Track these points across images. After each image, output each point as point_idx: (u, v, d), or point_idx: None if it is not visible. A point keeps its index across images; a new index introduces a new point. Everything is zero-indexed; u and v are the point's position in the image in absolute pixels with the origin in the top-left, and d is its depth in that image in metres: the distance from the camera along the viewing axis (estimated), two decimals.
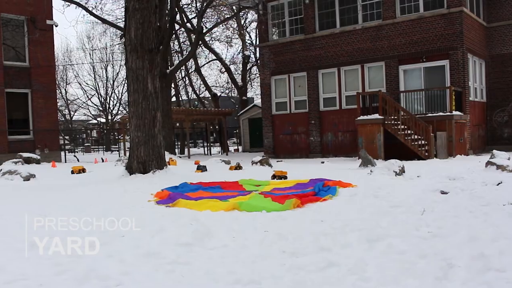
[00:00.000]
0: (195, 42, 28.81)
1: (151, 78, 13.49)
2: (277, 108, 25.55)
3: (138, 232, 6.21)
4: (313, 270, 4.60)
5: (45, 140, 26.54)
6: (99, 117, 63.04)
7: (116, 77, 55.42)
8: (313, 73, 24.02)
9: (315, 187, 9.61)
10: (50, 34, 27.21)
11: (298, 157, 24.17)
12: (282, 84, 25.37)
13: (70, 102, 60.17)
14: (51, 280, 4.37)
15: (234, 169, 16.01)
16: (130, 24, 13.43)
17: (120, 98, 56.60)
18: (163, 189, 10.15)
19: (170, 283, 4.36)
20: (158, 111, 13.70)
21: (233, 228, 6.34)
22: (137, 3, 13.21)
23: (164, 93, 23.08)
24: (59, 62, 51.56)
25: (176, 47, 38.40)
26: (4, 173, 14.81)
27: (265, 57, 25.99)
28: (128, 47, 13.57)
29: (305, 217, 7.09)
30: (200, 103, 46.76)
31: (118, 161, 20.25)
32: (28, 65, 26.42)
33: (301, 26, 24.54)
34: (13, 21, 26.06)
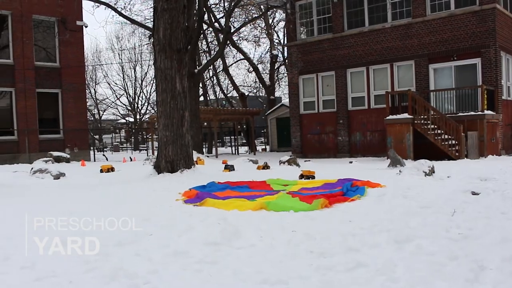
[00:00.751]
0: (223, 42, 28.89)
1: (180, 78, 13.56)
2: (305, 107, 25.46)
3: (166, 231, 6.26)
4: (341, 271, 4.56)
5: (74, 139, 26.98)
6: (128, 116, 63.70)
7: (145, 77, 56.00)
8: (341, 72, 23.86)
9: (343, 187, 9.54)
10: (80, 35, 27.66)
11: (326, 157, 24.04)
12: (310, 84, 25.27)
13: (99, 102, 60.95)
14: (80, 277, 4.43)
15: (262, 169, 16.00)
16: (158, 24, 13.53)
17: (149, 98, 57.18)
18: (191, 188, 10.19)
19: (197, 282, 4.37)
20: (186, 110, 13.77)
21: (260, 228, 6.33)
22: (166, 3, 13.30)
23: (192, 93, 23.21)
24: (88, 62, 52.28)
25: (204, 47, 38.57)
26: (35, 171, 15.09)
27: (293, 56, 25.93)
28: (157, 47, 13.67)
29: (333, 217, 7.04)
30: (228, 103, 46.90)
31: (146, 160, 20.43)
32: (59, 65, 26.89)
33: (329, 25, 24.41)
34: (44, 22, 26.55)
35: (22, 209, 8.31)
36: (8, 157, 23.84)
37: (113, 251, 5.28)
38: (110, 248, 5.39)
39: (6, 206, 8.79)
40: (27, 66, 25.34)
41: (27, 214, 7.41)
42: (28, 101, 25.41)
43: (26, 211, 7.90)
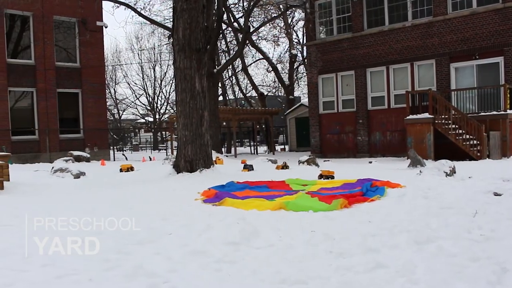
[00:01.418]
0: (242, 42, 28.92)
1: (199, 78, 13.61)
2: (324, 107, 25.37)
3: (185, 230, 6.28)
4: (361, 271, 4.53)
5: (94, 139, 27.24)
6: (147, 116, 64.09)
7: (164, 76, 56.26)
8: (361, 71, 23.73)
9: (362, 187, 9.48)
10: (100, 35, 27.92)
11: (345, 157, 23.93)
12: (329, 83, 25.18)
13: (119, 102, 61.41)
14: (100, 275, 4.45)
15: (281, 169, 15.98)
16: (178, 24, 13.59)
17: (168, 98, 57.46)
18: (210, 188, 10.21)
19: (216, 281, 4.37)
20: (206, 110, 13.81)
21: (279, 228, 6.31)
22: (185, 3, 13.35)
23: (211, 93, 23.27)
24: (108, 62, 52.69)
25: (223, 47, 38.65)
26: (55, 170, 15.26)
27: (312, 55, 25.86)
28: (176, 47, 13.74)
29: (353, 217, 7.00)
30: (247, 102, 46.93)
31: (165, 160, 20.52)
32: (79, 65, 27.17)
33: (349, 24, 24.29)
34: (64, 23, 26.85)
35: (43, 208, 8.42)
36: (29, 157, 24.15)
37: (133, 250, 5.32)
38: (130, 247, 5.43)
39: (29, 205, 8.90)
40: (48, 66, 25.64)
41: (48, 213, 7.50)
42: (49, 101, 25.71)
43: (48, 210, 8.01)
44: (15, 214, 7.72)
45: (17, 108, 25.63)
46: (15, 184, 12.14)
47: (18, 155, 23.26)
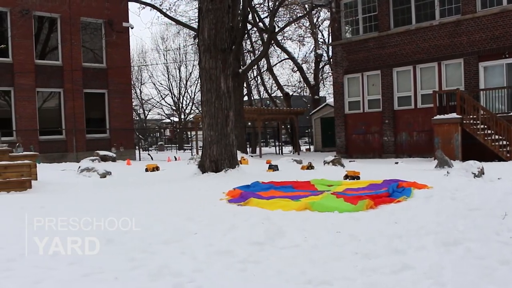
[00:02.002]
0: (267, 42, 28.91)
1: (224, 78, 13.64)
2: (350, 107, 25.22)
3: (210, 230, 6.30)
4: (387, 273, 4.47)
5: (120, 139, 27.53)
6: (173, 116, 64.50)
7: (189, 77, 56.54)
8: (387, 71, 23.51)
9: (389, 188, 9.38)
10: (126, 36, 28.21)
11: (371, 157, 23.75)
12: (355, 83, 25.02)
13: (145, 102, 61.94)
14: (126, 274, 4.49)
15: (306, 169, 15.93)
16: (203, 24, 13.64)
17: (193, 98, 57.70)
18: (235, 188, 10.22)
19: (241, 281, 4.36)
20: (231, 110, 13.84)
21: (304, 228, 6.29)
22: (211, 4, 13.39)
23: (236, 93, 23.30)
24: (134, 63, 53.17)
25: (248, 47, 38.68)
26: (82, 170, 15.47)
27: (338, 55, 25.72)
28: (202, 47, 13.79)
29: (379, 218, 6.92)
30: (272, 103, 46.88)
31: (190, 160, 20.62)
32: (105, 66, 27.50)
33: (375, 24, 24.09)
34: (91, 24, 27.21)
35: (69, 207, 8.53)
36: (56, 156, 24.52)
37: (158, 249, 5.35)
38: (155, 246, 5.46)
39: (56, 204, 9.02)
40: (75, 67, 26.00)
41: (73, 212, 7.60)
42: (75, 101, 26.09)
43: (73, 209, 8.12)
44: (42, 213, 7.82)
45: (45, 109, 26.06)
46: (43, 183, 12.33)
47: (46, 154, 23.63)
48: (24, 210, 8.10)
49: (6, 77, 24.36)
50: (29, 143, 22.79)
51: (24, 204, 8.89)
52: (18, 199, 9.84)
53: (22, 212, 7.92)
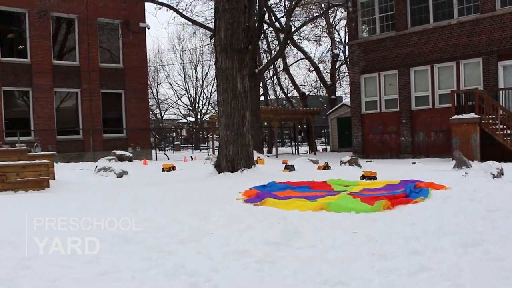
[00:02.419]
0: (283, 41, 28.87)
1: (240, 78, 13.65)
2: (367, 107, 25.09)
3: (226, 230, 6.30)
4: (404, 274, 4.44)
5: (137, 139, 27.70)
6: (189, 116, 64.73)
7: (205, 77, 56.72)
8: (404, 71, 23.35)
9: (406, 188, 9.31)
10: (142, 37, 28.38)
11: (388, 158, 23.60)
12: (372, 83, 24.88)
13: (161, 102, 62.24)
14: (142, 273, 4.50)
15: (322, 169, 15.88)
16: (220, 24, 13.66)
17: (209, 98, 57.88)
18: (251, 188, 10.22)
19: (257, 281, 4.36)
20: (247, 110, 13.84)
21: (321, 229, 6.26)
22: (227, 4, 13.41)
23: (252, 93, 23.32)
24: (151, 63, 53.47)
25: (265, 47, 38.68)
26: (99, 169, 15.60)
27: (354, 55, 25.60)
28: (218, 47, 13.81)
29: (396, 219, 6.87)
30: (288, 102, 46.83)
31: (206, 160, 20.67)
32: (122, 66, 27.69)
33: (392, 23, 23.93)
34: (108, 25, 27.43)
35: (85, 206, 8.60)
36: (73, 156, 24.73)
37: (174, 249, 5.36)
38: (172, 246, 5.48)
39: (73, 203, 9.10)
40: (92, 67, 26.22)
41: (89, 212, 7.66)
42: (93, 102, 26.30)
43: (89, 209, 8.18)
44: (59, 212, 7.89)
45: (62, 109, 26.32)
46: (60, 183, 12.45)
47: (63, 154, 23.83)
48: (42, 209, 8.20)
49: (24, 78, 24.64)
50: (47, 143, 23.03)
51: (42, 203, 8.98)
52: (36, 198, 9.94)
53: (40, 210, 8.01)
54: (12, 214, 7.82)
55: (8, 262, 4.78)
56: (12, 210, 8.26)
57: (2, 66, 24.07)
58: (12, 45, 25.03)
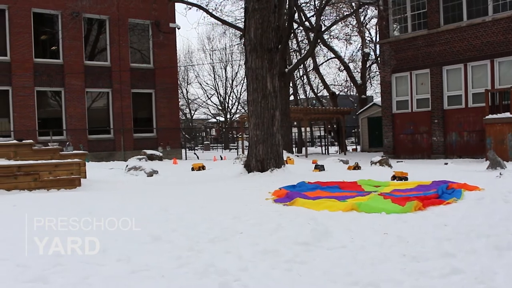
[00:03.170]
0: (313, 41, 28.75)
1: (270, 77, 13.63)
2: (398, 106, 24.80)
3: (255, 229, 6.30)
4: (436, 276, 4.36)
5: (167, 138, 27.94)
6: (218, 115, 65.00)
7: (235, 76, 56.87)
8: (436, 69, 23.00)
9: (438, 189, 9.15)
10: (173, 37, 28.62)
11: (419, 158, 23.29)
12: (403, 82, 24.59)
13: (191, 102, 62.62)
14: (172, 272, 4.52)
15: (353, 169, 15.76)
16: (249, 24, 13.67)
17: (239, 97, 58.01)
18: (281, 188, 10.19)
19: (287, 281, 4.34)
20: (277, 110, 13.82)
21: (351, 229, 6.21)
22: (257, 3, 13.40)
23: (282, 92, 23.28)
24: (181, 63, 53.82)
25: (294, 46, 38.57)
26: (129, 168, 15.78)
27: (385, 54, 25.33)
28: (248, 47, 13.82)
29: (427, 220, 6.76)
30: (318, 102, 46.64)
31: (236, 159, 20.71)
32: (152, 66, 27.98)
33: (424, 21, 23.59)
34: (139, 25, 27.76)
35: (117, 205, 8.69)
36: (104, 155, 25.09)
37: (204, 248, 5.38)
38: (202, 245, 5.50)
39: (105, 202, 9.21)
40: (123, 67, 26.57)
41: (121, 210, 7.74)
42: (123, 101, 26.65)
43: (121, 208, 8.28)
44: (91, 210, 8.00)
45: (94, 108, 26.75)
46: (92, 181, 12.62)
47: (94, 153, 24.23)
48: (74, 207, 8.32)
49: (57, 78, 25.12)
50: (78, 142, 23.45)
51: (74, 201, 9.11)
52: (68, 196, 10.08)
53: (73, 209, 8.13)
54: (46, 211, 7.95)
55: (41, 259, 4.86)
56: (46, 208, 8.39)
57: (35, 67, 24.58)
58: (45, 46, 25.53)
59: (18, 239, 5.79)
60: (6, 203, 8.89)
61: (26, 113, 24.22)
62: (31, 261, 4.82)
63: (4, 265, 4.72)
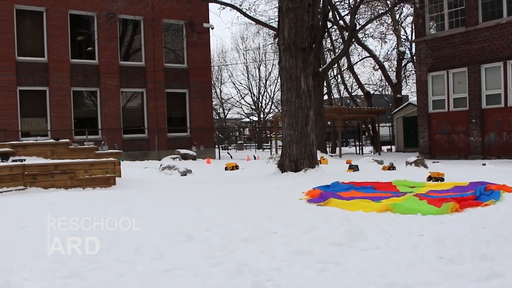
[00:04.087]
0: (348, 40, 28.52)
1: (304, 77, 13.57)
2: (434, 106, 24.39)
3: (289, 229, 6.27)
4: (474, 280, 4.25)
5: (200, 138, 28.11)
6: (252, 115, 65.14)
7: (269, 76, 56.97)
8: (474, 68, 22.52)
9: (475, 190, 8.95)
10: (206, 37, 28.80)
11: (456, 158, 22.86)
12: (439, 81, 24.17)
13: (224, 101, 62.96)
14: (205, 271, 4.53)
15: (387, 169, 15.56)
16: (283, 23, 13.63)
17: (272, 97, 58.07)
18: (315, 188, 10.14)
19: (320, 282, 4.30)
20: (311, 109, 13.75)
21: (385, 230, 6.12)
22: (291, 2, 13.36)
23: (316, 92, 23.16)
24: (214, 62, 54.14)
25: (328, 45, 38.35)
26: (163, 168, 15.92)
27: (421, 52, 24.94)
28: (282, 46, 13.79)
29: (464, 222, 6.62)
30: (352, 102, 46.30)
31: (269, 159, 20.68)
32: (186, 66, 28.20)
33: (462, 18, 23.13)
34: (173, 26, 28.03)
35: (152, 204, 8.78)
36: (138, 154, 25.39)
37: (237, 247, 5.38)
38: (235, 244, 5.50)
39: (140, 200, 9.31)
40: (158, 67, 26.84)
41: (157, 209, 7.82)
42: (157, 101, 26.93)
43: (156, 206, 8.36)
44: (126, 208, 8.10)
45: (128, 108, 27.11)
46: (126, 180, 12.77)
47: (129, 152, 24.54)
48: (109, 206, 8.43)
49: (92, 78, 25.56)
50: (113, 141, 23.80)
51: (109, 200, 9.24)
52: (103, 195, 10.22)
53: (108, 206, 8.24)
54: (81, 209, 8.08)
55: (77, 256, 4.94)
56: (81, 206, 8.52)
57: (72, 68, 25.05)
58: (81, 47, 26.00)
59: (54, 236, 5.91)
60: (43, 201, 9.07)
61: (62, 112, 24.70)
62: (67, 258, 4.91)
63: (42, 261, 4.84)
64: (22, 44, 24.27)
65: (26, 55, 24.20)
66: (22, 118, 24.13)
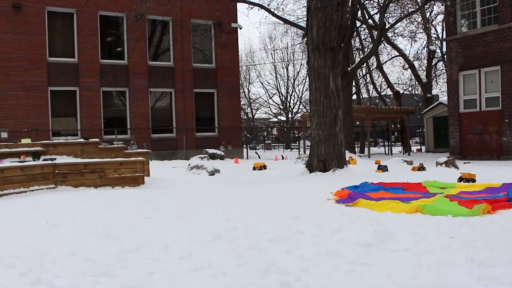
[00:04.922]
0: (377, 39, 28.27)
1: (333, 77, 13.49)
2: (465, 105, 24.00)
3: (317, 230, 6.24)
4: (506, 283, 4.16)
5: (228, 137, 28.19)
6: (280, 115, 65.08)
7: (297, 76, 56.80)
8: (508, 67, 22.07)
9: (508, 192, 8.77)
10: (234, 37, 28.87)
11: (488, 159, 22.44)
12: (471, 80, 23.76)
13: (252, 101, 63.02)
14: (233, 270, 4.54)
15: (417, 170, 15.36)
16: (312, 23, 13.58)
17: (301, 97, 57.92)
18: (343, 188, 10.08)
19: (349, 283, 4.26)
20: (339, 109, 13.66)
21: (415, 231, 6.04)
22: (319, 2, 13.30)
23: (345, 91, 23.01)
24: (242, 62, 54.27)
25: (357, 45, 38.10)
26: (192, 167, 16.02)
27: (452, 51, 24.56)
28: (310, 46, 13.74)
29: (497, 224, 6.49)
30: (382, 101, 45.88)
31: (297, 159, 20.62)
32: (214, 66, 28.33)
33: (495, 16, 22.70)
34: (201, 26, 28.19)
35: (181, 203, 8.84)
36: (167, 154, 25.59)
37: (265, 247, 5.37)
38: (263, 244, 5.49)
39: (168, 199, 9.38)
40: (186, 67, 27.02)
41: (187, 208, 7.86)
42: (186, 101, 27.12)
43: (186, 205, 8.41)
44: (155, 207, 8.17)
45: (157, 108, 27.34)
46: (155, 180, 12.89)
47: (157, 152, 24.77)
48: (138, 204, 8.52)
49: (122, 78, 25.86)
50: (142, 141, 24.05)
51: (138, 199, 9.33)
52: (132, 194, 10.33)
53: (137, 205, 8.33)
54: (111, 208, 8.18)
55: (107, 255, 5.01)
56: (111, 204, 8.62)
57: (101, 68, 25.39)
58: (111, 47, 26.33)
59: (85, 234, 6.00)
60: (73, 199, 9.21)
61: (92, 112, 25.06)
62: (97, 256, 4.98)
63: (73, 259, 4.92)
64: (53, 45, 24.70)
65: (57, 56, 24.64)
66: (53, 117, 24.58)
